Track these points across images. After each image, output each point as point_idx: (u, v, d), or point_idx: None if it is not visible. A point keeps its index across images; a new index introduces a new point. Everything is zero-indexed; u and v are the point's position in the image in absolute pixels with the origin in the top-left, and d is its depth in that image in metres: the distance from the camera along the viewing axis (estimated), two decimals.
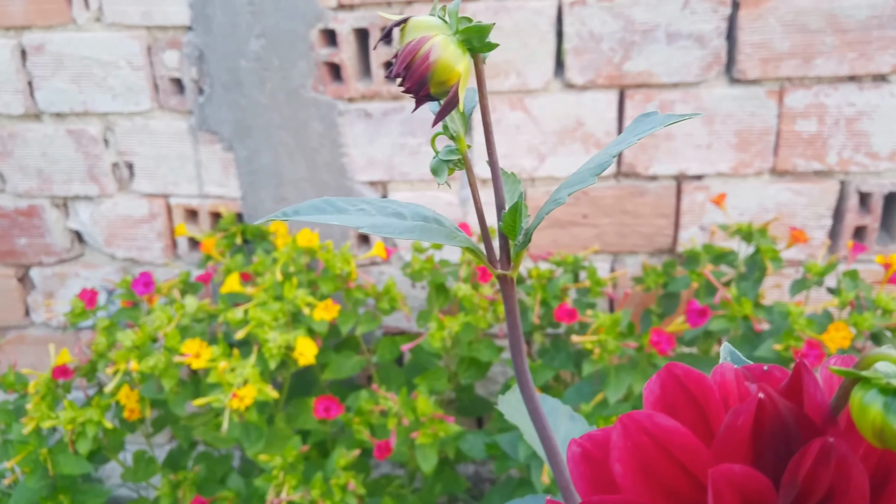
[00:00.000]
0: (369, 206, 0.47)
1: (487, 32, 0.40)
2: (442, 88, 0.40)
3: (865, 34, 1.15)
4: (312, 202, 0.45)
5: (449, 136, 0.45)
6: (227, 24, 1.26)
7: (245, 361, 1.00)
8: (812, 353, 1.02)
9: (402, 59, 0.39)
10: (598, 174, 0.42)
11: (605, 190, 1.26)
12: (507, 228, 0.45)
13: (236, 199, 1.36)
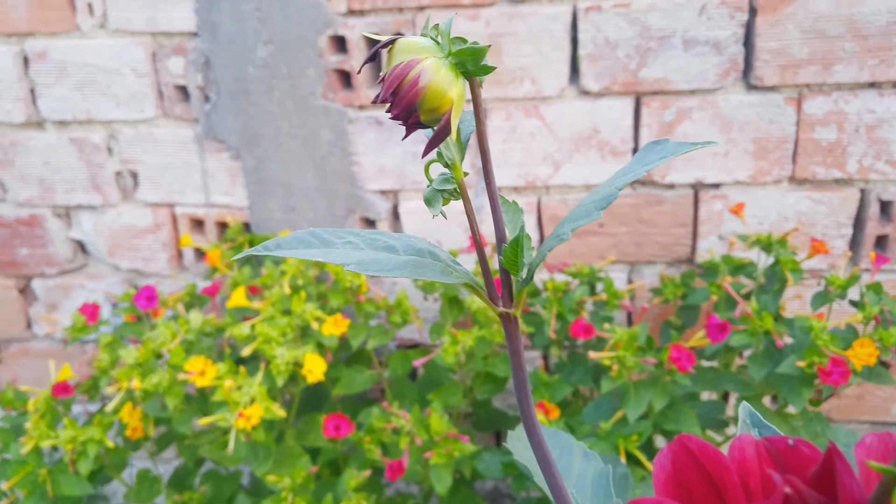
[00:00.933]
0: (358, 238, 0.41)
1: (483, 55, 0.36)
2: (433, 116, 0.36)
3: (886, 40, 1.08)
4: (297, 235, 0.40)
5: (444, 164, 0.41)
6: (233, 30, 1.18)
7: (252, 379, 0.92)
8: (837, 371, 0.95)
9: (388, 83, 0.35)
10: (604, 207, 0.38)
11: (621, 198, 1.19)
12: (508, 263, 0.40)
13: (244, 209, 1.28)
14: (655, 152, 0.40)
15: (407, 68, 0.35)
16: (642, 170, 0.39)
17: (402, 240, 0.42)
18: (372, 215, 1.25)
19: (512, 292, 0.41)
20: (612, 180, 0.40)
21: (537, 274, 1.19)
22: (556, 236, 0.38)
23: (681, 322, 1.15)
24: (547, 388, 1.06)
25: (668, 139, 0.41)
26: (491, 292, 0.41)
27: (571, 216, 0.39)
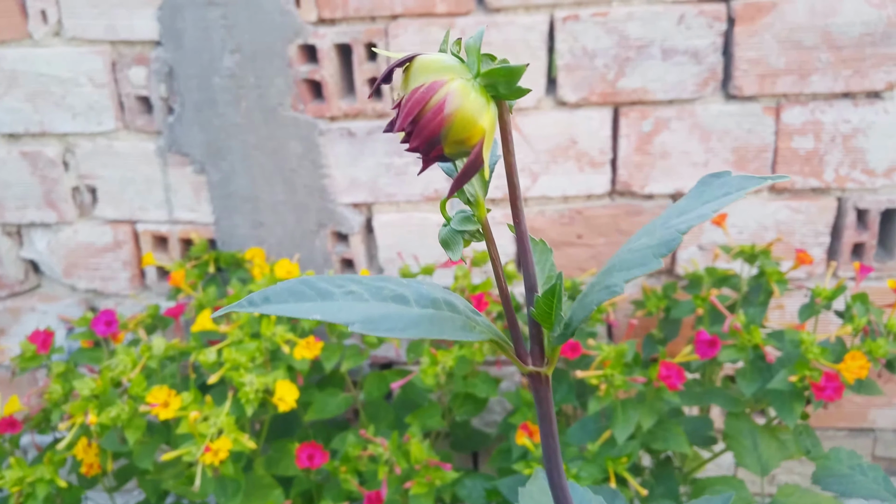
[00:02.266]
0: (360, 286, 0.33)
1: (518, 76, 0.29)
2: (460, 148, 0.29)
3: (859, 51, 1.01)
4: (287, 285, 0.32)
5: (464, 201, 0.34)
6: (198, 39, 1.06)
7: (219, 409, 0.80)
8: (830, 386, 0.87)
9: (407, 110, 0.28)
10: (665, 255, 0.30)
11: (599, 209, 1.10)
12: (541, 316, 0.33)
13: (209, 225, 1.16)
14: (716, 187, 0.33)
15: (429, 92, 0.28)
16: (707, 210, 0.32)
17: (413, 287, 0.34)
18: (344, 229, 1.14)
19: (543, 349, 0.34)
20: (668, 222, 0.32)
21: (517, 287, 1.09)
22: (606, 288, 0.31)
23: (663, 335, 1.06)
24: (530, 407, 0.96)
25: (730, 171, 0.33)
26: (519, 349, 0.34)
27: (623, 263, 0.31)
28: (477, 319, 0.34)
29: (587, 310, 0.31)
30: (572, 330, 0.32)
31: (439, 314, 0.33)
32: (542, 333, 0.34)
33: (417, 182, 1.11)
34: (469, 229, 0.33)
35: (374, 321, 0.30)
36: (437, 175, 1.10)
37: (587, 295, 0.32)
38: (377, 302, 0.32)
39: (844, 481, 0.75)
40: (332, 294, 0.32)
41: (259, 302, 0.31)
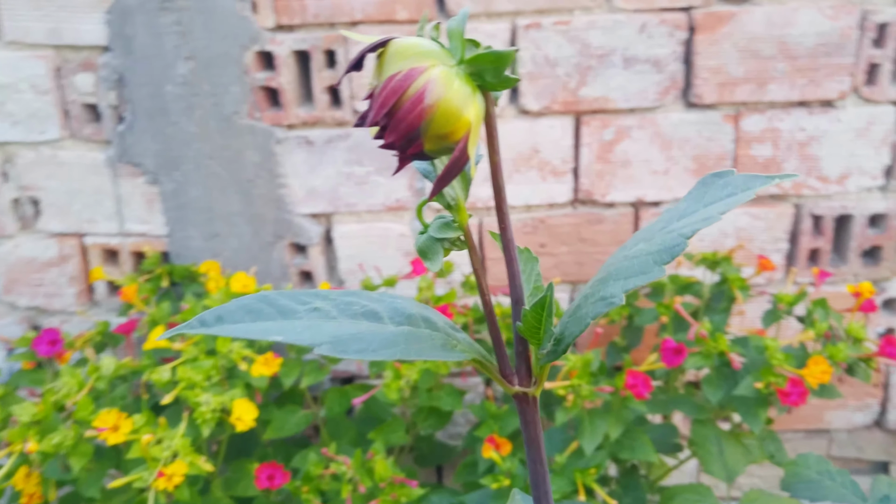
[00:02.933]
0: (327, 302, 0.29)
1: (507, 63, 0.26)
2: (442, 144, 0.25)
3: (814, 61, 1.01)
4: (244, 302, 0.28)
5: (444, 205, 0.30)
6: (150, 45, 1.00)
7: (174, 431, 0.74)
8: (795, 391, 0.85)
9: (381, 100, 0.25)
10: (668, 262, 0.27)
11: (562, 218, 1.07)
12: (528, 331, 0.29)
13: (162, 237, 1.09)
14: (719, 188, 0.30)
15: (407, 80, 0.25)
16: (713, 212, 0.28)
17: (386, 302, 0.30)
18: (302, 241, 1.08)
19: (530, 367, 0.31)
20: (668, 226, 0.29)
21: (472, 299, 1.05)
22: (602, 299, 0.27)
23: (626, 343, 1.03)
24: (496, 420, 0.92)
25: (732, 171, 0.30)
26: (504, 368, 0.31)
27: (620, 271, 0.28)
28: (457, 337, 0.30)
29: (582, 324, 0.27)
30: (565, 346, 0.28)
31: (416, 332, 0.29)
32: (528, 350, 0.31)
33: (379, 191, 1.06)
34: (449, 236, 0.30)
35: (344, 342, 0.27)
36: (400, 184, 1.06)
37: (580, 307, 0.28)
38: (346, 319, 0.28)
39: (814, 486, 0.73)
40: (295, 311, 0.28)
41: (211, 322, 0.27)
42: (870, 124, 1.03)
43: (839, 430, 1.18)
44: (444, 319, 0.32)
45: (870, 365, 0.90)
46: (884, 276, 1.08)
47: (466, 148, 0.25)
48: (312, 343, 0.26)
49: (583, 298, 0.29)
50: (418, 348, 0.28)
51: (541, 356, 0.30)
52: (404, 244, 1.08)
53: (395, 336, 0.29)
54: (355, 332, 0.28)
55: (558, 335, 0.29)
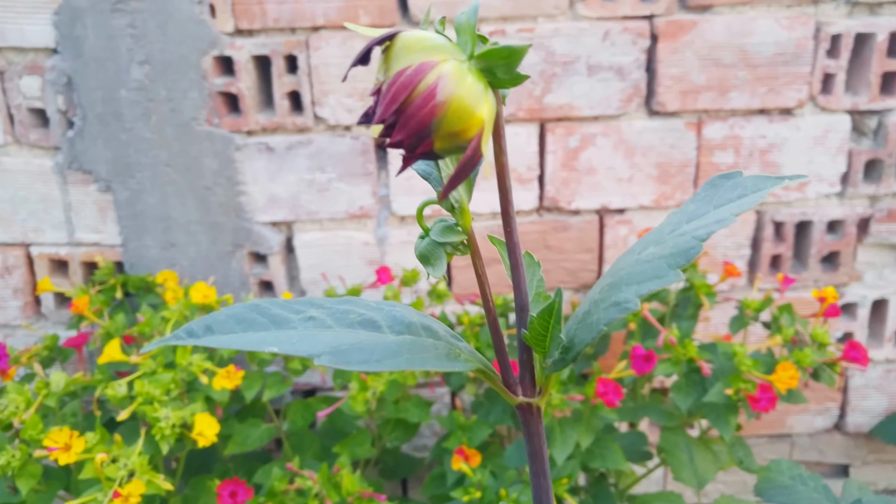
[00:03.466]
0: (322, 311, 0.28)
1: (520, 58, 0.25)
2: (453, 143, 0.25)
3: (773, 70, 1.03)
4: (234, 311, 0.27)
5: (447, 208, 0.30)
6: (102, 47, 0.98)
7: (130, 448, 0.72)
8: (765, 397, 0.86)
9: (390, 97, 0.24)
10: (683, 265, 0.27)
11: (527, 225, 1.07)
12: (534, 339, 0.29)
13: (116, 247, 1.06)
14: (728, 189, 0.30)
15: (418, 75, 0.24)
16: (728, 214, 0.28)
17: (384, 310, 0.29)
18: (262, 250, 1.06)
19: (534, 376, 0.30)
20: (678, 228, 0.29)
21: (448, 305, 1.05)
22: (616, 304, 0.27)
23: (593, 350, 1.04)
24: (465, 431, 0.91)
25: (740, 172, 0.30)
26: (507, 378, 0.30)
27: (633, 276, 0.27)
28: (459, 346, 0.29)
29: (593, 331, 0.27)
30: (574, 354, 0.28)
31: (419, 341, 0.28)
32: (533, 360, 0.30)
33: (341, 198, 1.05)
34: (452, 240, 0.29)
35: (345, 353, 0.25)
36: (363, 191, 1.04)
37: (591, 313, 0.28)
38: (343, 329, 0.27)
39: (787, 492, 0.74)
40: (289, 321, 0.27)
41: (200, 332, 0.26)
42: (826, 132, 1.06)
43: (801, 434, 1.20)
44: (445, 328, 0.31)
45: (834, 370, 0.92)
46: (842, 281, 1.11)
47: (480, 146, 0.25)
48: (311, 354, 0.25)
49: (592, 304, 0.29)
50: (422, 358, 0.28)
51: (546, 365, 0.30)
52: (368, 253, 1.06)
53: (398, 346, 0.28)
54: (354, 343, 0.27)
55: (567, 343, 0.29)
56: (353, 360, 0.25)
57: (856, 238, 1.10)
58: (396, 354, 0.26)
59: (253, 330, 0.26)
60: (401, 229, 1.06)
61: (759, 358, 0.92)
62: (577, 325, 0.28)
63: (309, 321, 0.27)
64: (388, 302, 0.31)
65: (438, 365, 0.27)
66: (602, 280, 0.31)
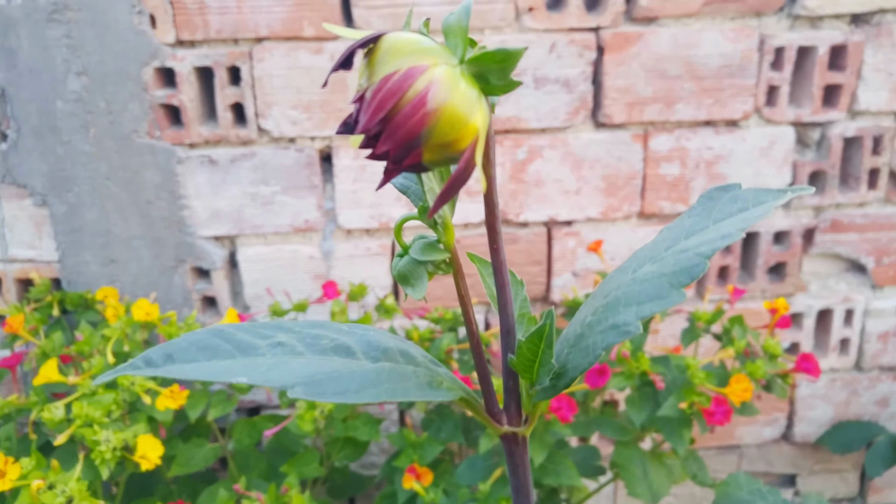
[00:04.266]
0: (291, 335, 0.27)
1: (515, 62, 0.24)
2: (444, 154, 0.23)
3: (718, 82, 1.08)
4: (195, 337, 0.26)
5: (429, 224, 0.29)
6: (37, 58, 0.99)
7: (68, 473, 0.73)
8: (720, 410, 0.90)
9: (376, 104, 0.22)
10: (687, 284, 0.26)
11: (477, 237, 1.11)
12: (522, 365, 0.28)
13: (52, 263, 1.07)
14: (727, 203, 0.29)
15: (406, 80, 0.23)
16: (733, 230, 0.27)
17: (357, 334, 0.28)
18: (206, 265, 1.08)
19: (520, 404, 0.30)
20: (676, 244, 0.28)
21: (396, 320, 1.07)
22: (615, 328, 0.26)
23: None
24: (415, 448, 0.94)
25: (739, 184, 0.30)
26: (490, 405, 0.30)
27: (631, 296, 0.26)
28: (439, 372, 0.29)
29: (590, 356, 0.26)
30: (568, 381, 0.27)
31: (397, 369, 0.27)
32: (519, 386, 0.29)
33: (286, 212, 1.07)
34: (434, 259, 0.28)
35: (319, 383, 0.25)
36: (308, 204, 1.07)
37: (585, 336, 0.27)
38: (316, 356, 0.27)
39: None
40: (256, 347, 0.26)
41: (160, 361, 0.25)
42: (772, 144, 1.12)
43: (749, 445, 1.26)
44: (422, 352, 0.30)
45: (786, 381, 0.96)
46: (788, 291, 1.16)
47: (473, 158, 0.24)
48: (283, 385, 0.24)
49: (585, 327, 0.27)
50: (404, 388, 0.27)
51: (534, 392, 0.29)
52: (314, 266, 1.09)
53: (376, 374, 0.26)
54: (330, 371, 0.26)
55: (559, 369, 0.27)
56: (329, 390, 0.25)
57: (801, 249, 1.16)
58: (375, 384, 0.26)
59: (217, 358, 0.25)
60: (347, 243, 1.09)
61: (711, 370, 0.96)
62: (569, 350, 0.27)
63: (278, 347, 0.26)
64: (360, 325, 0.30)
65: (420, 395, 0.26)
66: (593, 301, 0.29)
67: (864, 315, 1.18)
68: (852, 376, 1.21)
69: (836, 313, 1.18)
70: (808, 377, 0.94)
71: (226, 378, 0.25)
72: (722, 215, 0.29)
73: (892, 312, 1.19)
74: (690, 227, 0.29)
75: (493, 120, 0.91)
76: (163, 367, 0.25)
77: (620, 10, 1.04)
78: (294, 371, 0.25)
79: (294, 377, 0.25)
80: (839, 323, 1.18)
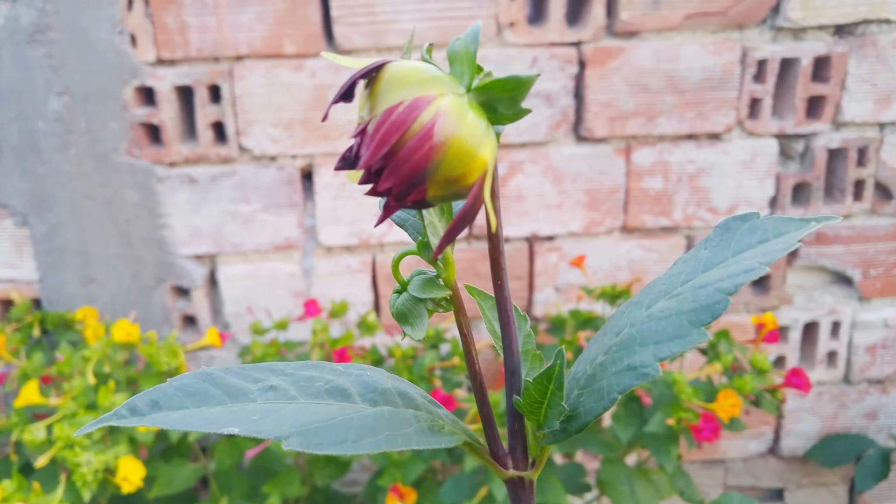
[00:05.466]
0: (283, 378, 0.27)
1: (526, 90, 0.23)
2: (450, 189, 0.23)
3: (700, 95, 1.13)
4: (182, 382, 0.26)
5: (427, 259, 0.28)
6: (18, 78, 1.03)
7: (50, 496, 0.77)
8: (708, 426, 0.93)
9: (380, 138, 0.22)
10: (708, 324, 0.25)
11: (457, 253, 1.15)
12: (528, 406, 0.27)
13: (33, 283, 1.11)
14: (746, 233, 0.28)
15: (412, 113, 0.22)
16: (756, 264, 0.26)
17: (353, 374, 0.28)
18: (186, 283, 1.12)
19: (527, 447, 0.29)
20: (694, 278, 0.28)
21: (378, 337, 1.12)
22: (632, 370, 0.25)
23: None
24: (398, 467, 0.98)
25: (757, 213, 0.29)
26: (495, 449, 0.29)
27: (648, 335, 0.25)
28: (440, 414, 0.28)
29: (605, 400, 0.25)
30: (579, 426, 0.26)
31: (397, 413, 0.27)
32: (525, 429, 0.29)
33: (266, 230, 1.11)
34: (435, 296, 0.27)
35: (315, 432, 0.24)
36: (289, 221, 1.11)
37: (597, 378, 0.26)
38: (310, 400, 0.26)
39: None
40: (247, 392, 0.25)
41: (145, 409, 0.25)
42: (755, 156, 1.16)
43: (735, 459, 1.30)
44: (420, 392, 0.29)
45: (776, 396, 0.99)
46: (772, 304, 1.21)
47: (481, 193, 0.23)
48: (277, 436, 0.24)
49: (598, 368, 0.26)
50: (404, 435, 0.26)
51: (541, 436, 0.28)
52: (294, 284, 1.13)
53: (375, 420, 0.26)
54: (326, 418, 0.25)
55: (570, 412, 0.26)
56: (327, 440, 0.24)
57: (786, 261, 1.20)
58: (375, 432, 0.25)
59: (206, 405, 0.25)
60: (328, 260, 1.13)
61: (698, 386, 0.99)
62: (580, 392, 0.27)
63: (269, 391, 0.26)
64: (356, 365, 0.29)
65: (422, 442, 0.26)
66: (603, 338, 0.29)
67: (851, 327, 1.23)
68: (840, 389, 1.26)
69: (823, 326, 1.22)
70: (798, 392, 0.97)
71: (216, 429, 0.24)
72: (741, 247, 0.28)
73: (880, 325, 1.23)
74: (708, 259, 0.28)
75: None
76: (148, 416, 0.25)
77: (602, 24, 1.09)
78: (287, 419, 0.25)
79: (288, 426, 0.24)
80: (826, 336, 1.22)
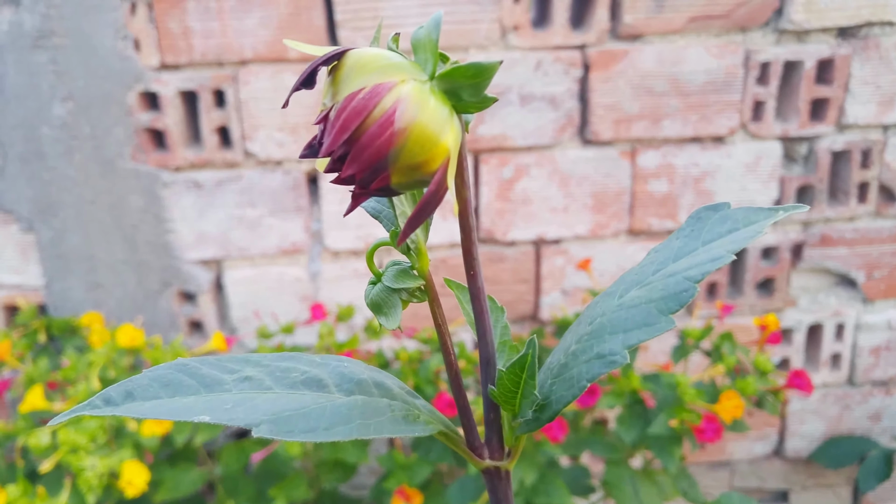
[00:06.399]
0: (259, 369, 0.27)
1: (489, 77, 0.23)
2: (413, 176, 0.23)
3: (704, 98, 1.12)
4: (157, 372, 0.25)
5: (402, 250, 0.28)
6: (23, 84, 1.02)
7: (55, 500, 0.76)
8: (710, 427, 0.93)
9: (340, 124, 0.22)
10: (676, 311, 0.26)
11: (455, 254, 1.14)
12: (503, 396, 0.28)
13: (39, 289, 1.10)
14: (716, 223, 0.28)
15: (372, 98, 0.22)
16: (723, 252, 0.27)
17: (330, 365, 0.28)
18: (192, 288, 1.11)
19: (503, 437, 0.29)
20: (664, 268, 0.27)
21: (384, 341, 1.11)
22: (601, 357, 0.25)
23: None
24: (405, 470, 0.97)
25: (728, 203, 0.30)
26: (471, 439, 0.29)
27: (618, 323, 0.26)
28: (417, 404, 0.29)
29: (574, 388, 0.26)
30: (552, 414, 0.26)
31: (372, 402, 0.27)
32: (500, 419, 0.29)
33: (272, 234, 1.10)
34: (408, 286, 0.28)
35: (287, 420, 0.24)
36: (295, 225, 1.10)
37: (568, 367, 0.26)
38: (285, 390, 0.26)
39: None
40: (222, 382, 0.26)
41: (119, 399, 0.25)
42: (758, 159, 1.15)
43: (740, 460, 1.29)
44: (399, 383, 0.29)
45: (778, 397, 0.98)
46: (777, 306, 1.20)
47: (444, 180, 0.23)
48: (248, 423, 0.24)
49: (570, 356, 0.27)
50: (377, 423, 0.26)
51: (516, 425, 0.28)
52: (301, 288, 1.12)
53: (349, 409, 0.26)
54: (299, 407, 0.25)
55: (542, 401, 0.27)
56: (298, 428, 0.24)
57: (790, 263, 1.19)
58: (347, 420, 0.25)
59: (180, 395, 0.25)
60: (334, 264, 1.12)
61: (702, 387, 0.99)
62: (552, 380, 0.27)
63: (245, 382, 0.26)
64: (334, 357, 0.29)
65: (395, 430, 0.26)
66: (577, 327, 0.29)
67: (855, 329, 1.22)
68: (844, 391, 1.25)
69: (827, 328, 1.21)
70: (801, 393, 0.97)
71: (186, 417, 0.24)
72: (711, 236, 0.28)
73: (885, 326, 1.22)
74: (679, 249, 0.28)
75: (478, 139, 0.95)
76: (122, 406, 0.25)
77: (606, 27, 1.08)
78: (260, 408, 0.25)
79: (260, 414, 0.24)
80: (830, 337, 1.22)
